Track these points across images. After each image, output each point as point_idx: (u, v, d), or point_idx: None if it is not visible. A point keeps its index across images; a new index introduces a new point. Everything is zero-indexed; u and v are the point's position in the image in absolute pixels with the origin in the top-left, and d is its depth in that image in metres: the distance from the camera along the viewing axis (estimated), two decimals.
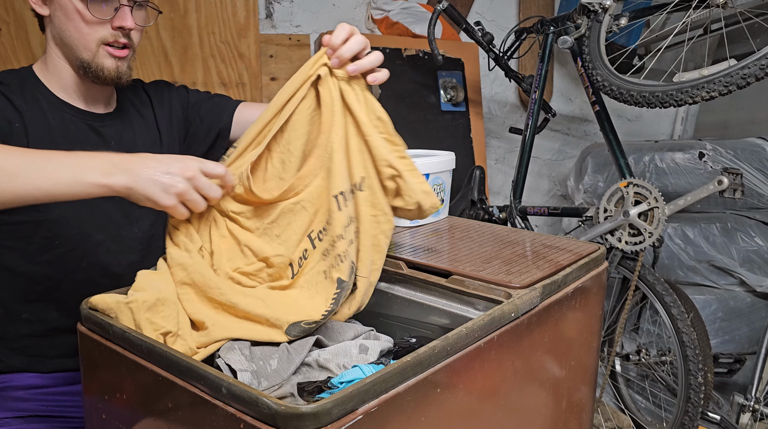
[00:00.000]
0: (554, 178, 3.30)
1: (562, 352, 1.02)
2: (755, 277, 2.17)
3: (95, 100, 1.19)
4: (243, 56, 2.32)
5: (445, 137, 2.56)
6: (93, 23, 1.09)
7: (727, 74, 1.42)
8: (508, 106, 3.10)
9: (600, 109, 1.94)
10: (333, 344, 0.91)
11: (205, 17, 2.24)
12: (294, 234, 0.97)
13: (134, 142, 1.23)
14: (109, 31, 1.10)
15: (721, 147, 2.23)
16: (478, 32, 2.25)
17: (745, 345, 2.20)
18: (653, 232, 1.77)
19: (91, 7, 1.08)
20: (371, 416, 0.65)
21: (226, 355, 0.85)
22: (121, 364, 0.80)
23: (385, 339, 0.95)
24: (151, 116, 1.28)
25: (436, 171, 1.31)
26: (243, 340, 0.88)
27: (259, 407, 0.62)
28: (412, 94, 2.49)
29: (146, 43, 2.16)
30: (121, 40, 1.12)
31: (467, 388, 0.80)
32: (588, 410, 1.16)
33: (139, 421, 0.80)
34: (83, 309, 0.87)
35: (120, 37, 1.12)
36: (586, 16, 1.94)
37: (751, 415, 1.85)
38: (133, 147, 1.21)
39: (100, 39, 1.10)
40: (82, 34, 1.10)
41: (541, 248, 1.14)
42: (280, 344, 0.88)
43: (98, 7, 1.09)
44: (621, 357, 2.13)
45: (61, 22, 1.11)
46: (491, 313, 0.84)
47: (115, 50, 1.12)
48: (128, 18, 1.11)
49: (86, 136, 1.16)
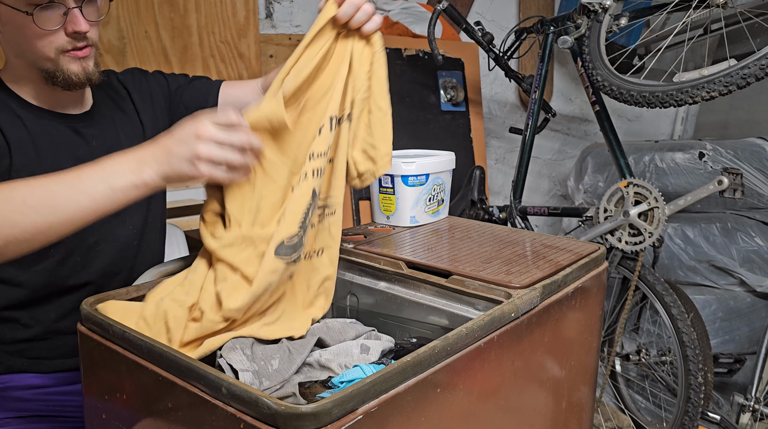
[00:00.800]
0: (554, 178, 3.30)
1: (562, 352, 1.02)
2: (755, 277, 2.17)
3: (69, 102, 1.14)
4: (243, 56, 2.32)
5: (445, 137, 2.56)
6: (45, 36, 1.00)
7: (727, 74, 1.42)
8: (508, 106, 3.10)
9: (600, 109, 1.94)
10: (334, 344, 0.92)
11: (205, 17, 2.24)
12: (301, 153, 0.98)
13: (117, 139, 1.18)
14: (64, 39, 1.02)
15: (721, 147, 2.23)
16: (478, 32, 2.25)
17: (745, 345, 2.20)
18: (653, 232, 1.77)
19: (36, 19, 0.98)
20: (371, 416, 0.65)
21: (227, 355, 0.85)
22: (121, 364, 0.80)
23: (386, 339, 0.95)
24: (132, 110, 1.23)
25: (436, 171, 1.31)
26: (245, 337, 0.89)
27: (259, 407, 0.62)
28: (412, 94, 2.49)
29: (146, 43, 2.16)
30: (79, 45, 1.03)
31: (467, 388, 0.80)
32: (588, 410, 1.16)
33: (139, 421, 0.80)
34: (83, 309, 0.87)
35: (77, 42, 1.03)
36: (586, 16, 1.94)
37: (751, 415, 1.85)
38: (116, 144, 1.15)
39: (58, 48, 1.02)
40: (36, 47, 1.02)
41: (541, 248, 1.14)
42: (281, 343, 0.88)
43: (44, 17, 0.99)
44: (621, 357, 2.13)
45: (11, 37, 1.03)
46: (491, 313, 0.84)
47: (76, 52, 1.04)
48: (80, 21, 1.01)
49: (69, 139, 1.12)
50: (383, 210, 1.32)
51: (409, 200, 1.29)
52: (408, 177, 1.27)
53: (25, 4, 0.97)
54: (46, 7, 0.98)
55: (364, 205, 2.30)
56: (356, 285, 1.10)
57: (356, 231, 1.26)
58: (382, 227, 1.31)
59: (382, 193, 1.31)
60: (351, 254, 1.13)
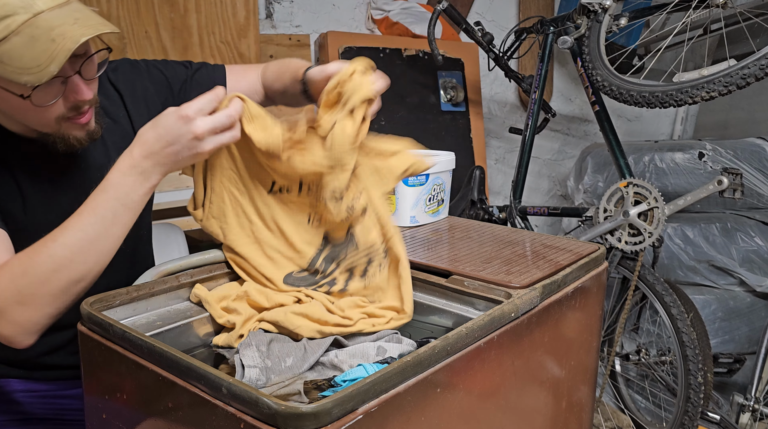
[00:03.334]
0: (554, 178, 3.30)
1: (562, 352, 1.02)
2: (755, 277, 2.17)
3: None
4: (243, 56, 2.32)
5: (445, 137, 2.56)
6: (43, 110, 0.89)
7: (727, 74, 1.42)
8: (508, 106, 3.11)
9: (600, 109, 1.94)
10: (353, 345, 0.91)
11: (206, 17, 2.24)
12: None
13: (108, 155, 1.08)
14: (65, 108, 0.92)
15: (720, 147, 2.23)
16: (478, 32, 2.25)
17: (745, 345, 2.20)
18: (653, 232, 1.77)
19: (34, 99, 0.86)
20: (371, 416, 0.65)
21: (242, 351, 0.86)
22: (121, 364, 0.80)
23: (407, 342, 0.93)
24: (124, 117, 1.12)
25: (436, 171, 1.31)
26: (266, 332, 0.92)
27: (259, 407, 0.62)
28: (412, 94, 2.49)
29: (146, 43, 2.16)
30: (83, 111, 0.94)
31: (467, 388, 0.80)
32: (588, 410, 1.16)
33: (139, 421, 0.80)
34: (83, 309, 0.87)
35: (80, 109, 0.93)
36: (586, 16, 1.94)
37: (750, 414, 1.85)
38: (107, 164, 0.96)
39: (58, 117, 0.92)
40: (35, 120, 0.92)
41: (541, 248, 1.14)
42: (300, 342, 0.89)
43: (41, 95, 0.86)
44: (621, 357, 2.13)
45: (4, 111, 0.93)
46: (491, 313, 0.84)
47: (79, 119, 0.94)
48: (82, 89, 0.91)
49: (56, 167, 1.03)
50: None
51: (409, 200, 1.29)
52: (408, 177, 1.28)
53: (19, 88, 0.85)
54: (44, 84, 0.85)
55: None
56: None
57: None
58: None
59: None
60: None
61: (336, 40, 2.42)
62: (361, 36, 2.52)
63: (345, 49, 2.35)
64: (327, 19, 2.60)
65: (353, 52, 2.36)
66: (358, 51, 2.37)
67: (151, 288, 0.95)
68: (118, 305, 0.91)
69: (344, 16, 2.63)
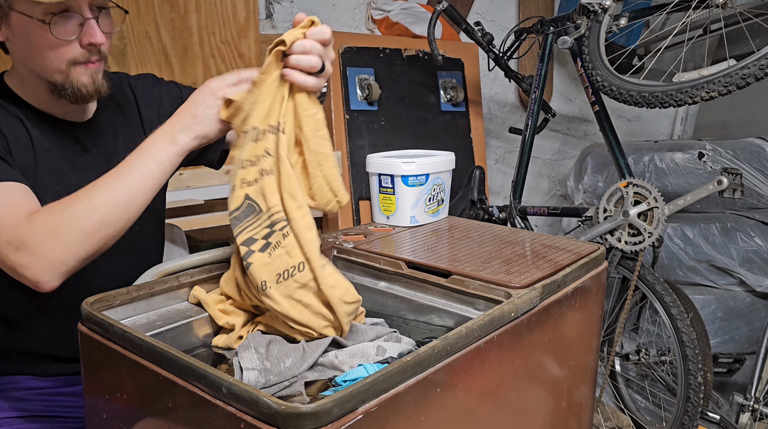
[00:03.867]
0: (554, 178, 3.30)
1: (562, 352, 1.02)
2: (755, 277, 2.17)
3: (72, 109, 1.11)
4: (243, 56, 2.32)
5: (445, 137, 2.56)
6: (59, 46, 0.98)
7: (727, 74, 1.42)
8: (508, 106, 3.11)
9: (600, 109, 1.94)
10: (352, 345, 0.91)
11: (206, 17, 2.24)
12: None
13: (116, 148, 1.16)
14: (79, 50, 1.00)
15: (720, 147, 2.24)
16: (478, 32, 2.25)
17: (745, 345, 2.20)
18: (653, 232, 1.77)
19: (54, 29, 0.95)
20: (371, 416, 0.65)
21: (241, 354, 0.86)
22: (122, 364, 0.80)
23: (406, 341, 0.93)
24: (136, 117, 1.21)
25: (436, 171, 1.31)
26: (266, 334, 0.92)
27: (259, 407, 0.63)
28: (412, 94, 2.49)
29: (146, 43, 2.16)
30: (93, 58, 1.02)
31: (467, 387, 0.80)
32: (588, 410, 1.16)
33: (139, 420, 0.80)
34: (83, 309, 0.87)
35: (92, 55, 1.01)
36: (586, 16, 1.94)
37: (750, 414, 1.85)
38: (114, 153, 1.14)
39: (70, 60, 1.00)
40: (48, 60, 0.99)
41: (541, 248, 1.14)
42: (299, 344, 0.89)
43: (62, 27, 0.96)
44: (621, 357, 2.13)
45: (22, 48, 1.01)
46: (491, 313, 0.84)
47: (88, 64, 1.02)
48: (96, 33, 0.99)
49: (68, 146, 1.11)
50: (383, 210, 1.32)
51: (409, 200, 1.29)
52: (408, 177, 1.28)
53: (41, 12, 0.95)
54: (63, 16, 0.96)
55: (364, 205, 2.30)
56: (356, 285, 1.10)
57: (356, 231, 1.27)
58: (382, 227, 1.31)
59: (382, 193, 1.31)
60: (351, 254, 1.13)
61: (336, 40, 2.40)
62: (361, 36, 2.52)
63: (345, 49, 2.35)
64: (327, 19, 2.60)
65: (353, 52, 2.36)
66: (358, 51, 2.37)
67: (151, 288, 0.95)
68: (118, 305, 0.91)
69: (344, 16, 2.63)
